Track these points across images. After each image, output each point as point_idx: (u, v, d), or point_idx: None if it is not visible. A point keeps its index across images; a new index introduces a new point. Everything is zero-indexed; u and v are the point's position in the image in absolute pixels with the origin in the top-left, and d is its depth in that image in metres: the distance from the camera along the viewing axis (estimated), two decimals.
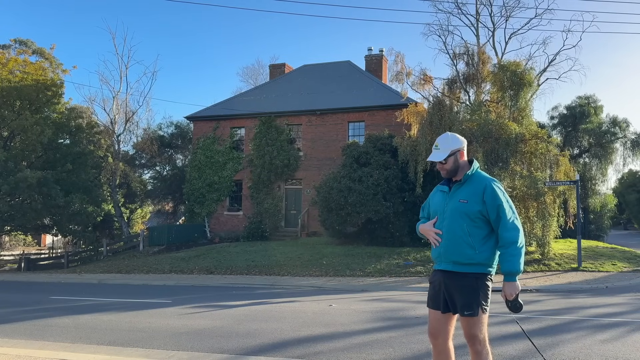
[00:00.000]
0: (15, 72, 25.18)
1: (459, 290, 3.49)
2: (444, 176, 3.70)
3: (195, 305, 10.74)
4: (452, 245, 3.51)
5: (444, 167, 3.63)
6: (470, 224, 3.49)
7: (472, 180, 3.60)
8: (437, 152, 3.65)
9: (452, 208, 3.56)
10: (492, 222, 3.51)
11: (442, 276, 3.59)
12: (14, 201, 24.63)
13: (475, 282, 3.49)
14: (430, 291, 3.70)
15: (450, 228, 3.53)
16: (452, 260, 3.52)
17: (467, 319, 3.49)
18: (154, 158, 34.48)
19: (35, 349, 6.70)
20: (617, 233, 45.12)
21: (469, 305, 3.46)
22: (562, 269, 16.59)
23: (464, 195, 3.55)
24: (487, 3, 25.19)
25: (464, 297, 3.47)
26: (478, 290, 3.48)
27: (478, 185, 3.56)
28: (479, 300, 3.47)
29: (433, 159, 3.65)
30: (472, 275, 3.49)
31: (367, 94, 26.83)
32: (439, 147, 3.66)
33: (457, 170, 3.64)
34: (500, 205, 3.49)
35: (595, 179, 31.01)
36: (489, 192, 3.51)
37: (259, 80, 47.96)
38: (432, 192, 3.89)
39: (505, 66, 19.90)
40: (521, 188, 17.78)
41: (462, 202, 3.52)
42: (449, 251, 3.53)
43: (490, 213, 3.50)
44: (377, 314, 9.36)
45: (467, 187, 3.58)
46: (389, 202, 20.12)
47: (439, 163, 3.64)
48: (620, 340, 6.78)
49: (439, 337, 3.64)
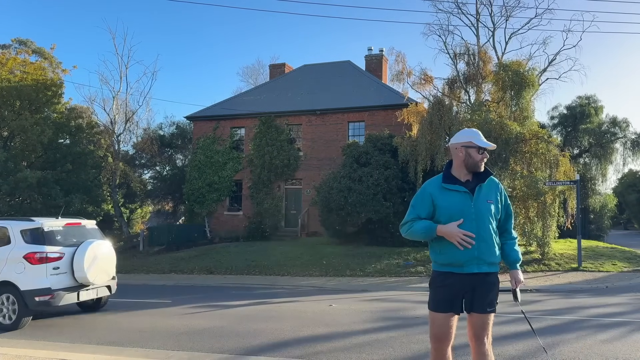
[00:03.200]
0: (15, 72, 25.15)
1: (487, 288, 3.55)
2: (480, 169, 3.61)
3: (195, 305, 10.74)
4: (486, 246, 3.51)
5: (485, 158, 3.65)
6: (494, 224, 3.60)
7: (489, 180, 3.68)
8: (486, 141, 3.66)
9: (480, 209, 3.53)
10: (502, 220, 3.69)
11: (469, 279, 3.48)
12: (13, 201, 24.62)
13: (497, 279, 3.64)
14: (444, 295, 3.54)
15: (482, 229, 3.50)
16: (488, 262, 3.53)
17: (485, 317, 3.55)
18: (154, 158, 34.45)
19: (35, 349, 6.70)
20: (617, 233, 45.08)
21: (492, 302, 3.58)
22: (562, 269, 16.58)
23: (487, 195, 3.61)
24: (487, 3, 25.20)
25: (491, 295, 3.57)
26: (498, 288, 3.65)
27: (495, 185, 3.68)
28: (497, 297, 3.64)
29: (489, 146, 3.62)
30: (495, 274, 3.62)
31: (367, 94, 26.81)
32: (480, 136, 3.66)
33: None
34: (509, 205, 3.74)
35: (595, 179, 30.97)
36: (504, 192, 3.72)
37: (259, 80, 47.93)
38: (430, 191, 3.61)
39: (507, 66, 19.87)
40: (521, 188, 17.77)
41: (490, 203, 3.58)
42: (485, 253, 3.50)
43: (502, 212, 3.69)
44: (377, 314, 9.36)
45: (486, 187, 3.64)
46: (389, 202, 20.11)
47: (486, 152, 3.64)
48: (621, 340, 6.77)
49: (445, 341, 3.59)
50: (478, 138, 3.63)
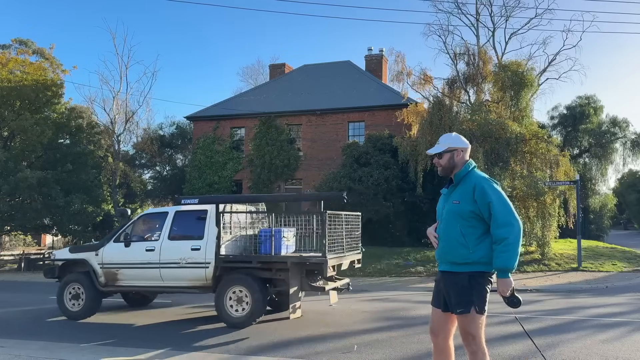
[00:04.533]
0: (15, 72, 25.15)
1: (452, 288, 3.57)
2: (439, 173, 3.84)
3: (195, 305, 10.74)
4: (448, 246, 3.61)
5: (439, 162, 3.77)
6: (464, 224, 3.54)
7: (464, 180, 3.68)
8: (436, 146, 3.81)
9: (447, 210, 3.67)
10: (486, 220, 3.53)
11: (441, 276, 3.72)
12: (14, 201, 24.62)
13: (467, 280, 3.50)
14: (434, 290, 3.83)
15: (445, 229, 3.64)
16: (449, 261, 3.61)
17: (461, 318, 3.54)
18: (154, 158, 34.43)
19: (35, 349, 6.70)
20: (617, 233, 45.09)
21: (460, 303, 3.51)
22: (562, 269, 16.58)
23: (457, 196, 3.64)
24: (487, 3, 25.22)
25: (457, 295, 3.53)
26: (471, 289, 3.50)
27: (469, 185, 3.62)
28: (471, 298, 3.49)
29: (430, 152, 3.82)
30: (466, 274, 3.51)
31: (367, 94, 26.81)
32: (439, 142, 3.83)
33: (452, 169, 3.73)
34: (490, 203, 3.49)
35: (595, 179, 30.99)
36: (479, 190, 3.54)
37: (259, 80, 47.90)
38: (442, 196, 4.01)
39: (507, 66, 19.88)
40: (521, 188, 17.78)
41: (455, 204, 3.62)
42: (446, 252, 3.64)
43: (483, 211, 3.52)
44: (377, 314, 9.37)
45: (460, 188, 3.67)
46: (389, 202, 20.10)
47: (436, 157, 3.78)
48: (621, 340, 6.77)
49: (439, 335, 3.73)
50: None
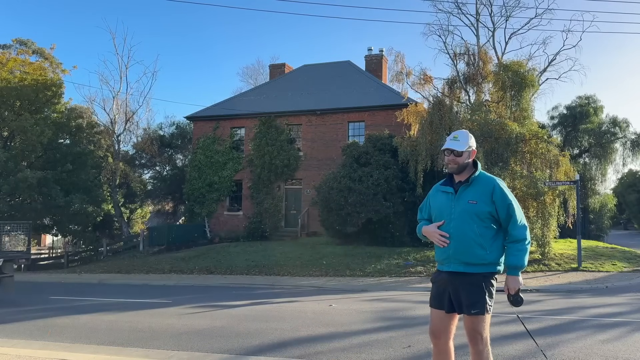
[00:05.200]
0: (15, 72, 25.16)
1: (467, 289, 3.51)
2: (450, 170, 3.69)
3: (195, 305, 10.74)
4: (462, 246, 3.52)
5: (458, 160, 3.62)
6: (481, 224, 3.52)
7: (478, 181, 3.62)
8: (457, 143, 3.65)
9: (461, 210, 3.56)
10: (502, 221, 3.54)
11: (448, 277, 3.60)
12: (14, 201, 24.64)
13: (483, 281, 3.52)
14: (434, 291, 3.72)
15: (460, 229, 3.53)
16: (463, 262, 3.52)
17: (473, 318, 3.51)
18: (154, 158, 34.44)
19: (35, 349, 6.70)
20: (617, 233, 45.08)
21: (476, 304, 3.48)
22: (562, 269, 16.58)
23: (472, 196, 3.56)
24: (487, 3, 25.24)
25: (472, 296, 3.49)
26: (485, 289, 3.51)
27: (486, 185, 3.59)
28: (485, 299, 3.50)
29: (453, 147, 3.63)
30: (480, 275, 3.51)
31: (367, 94, 26.81)
32: (458, 139, 3.67)
33: (464, 168, 3.64)
34: (510, 205, 3.54)
35: (595, 179, 30.98)
36: (498, 192, 3.55)
37: (259, 80, 47.90)
38: (430, 193, 3.88)
39: (507, 66, 19.86)
40: (521, 188, 17.75)
41: (472, 203, 3.54)
42: (460, 252, 3.53)
43: (501, 212, 3.53)
44: (377, 314, 9.36)
45: (474, 188, 3.59)
46: (389, 202, 20.10)
47: (453, 154, 3.62)
48: (621, 340, 6.77)
49: (440, 337, 3.67)
50: (447, 141, 3.73)
